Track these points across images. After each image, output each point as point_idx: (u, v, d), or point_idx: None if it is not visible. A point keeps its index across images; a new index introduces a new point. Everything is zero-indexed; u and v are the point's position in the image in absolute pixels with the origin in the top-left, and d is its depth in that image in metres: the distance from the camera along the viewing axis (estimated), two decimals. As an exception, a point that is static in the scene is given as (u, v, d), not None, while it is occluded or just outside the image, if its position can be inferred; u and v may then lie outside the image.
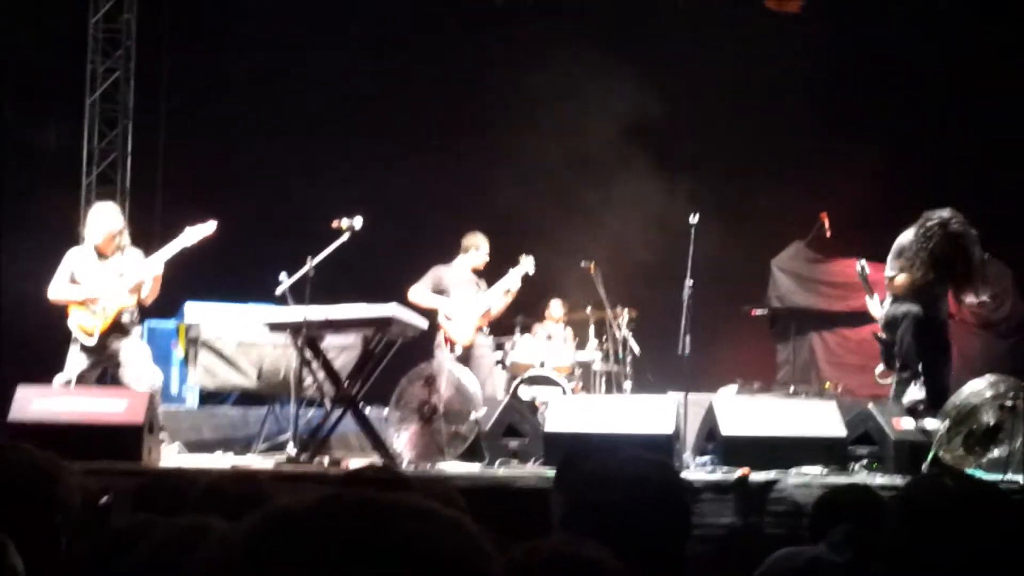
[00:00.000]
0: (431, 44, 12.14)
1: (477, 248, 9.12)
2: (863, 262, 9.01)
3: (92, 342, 7.59)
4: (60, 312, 7.68)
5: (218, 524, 1.90)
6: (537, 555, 1.75)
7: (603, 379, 10.54)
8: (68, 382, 7.53)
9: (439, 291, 8.92)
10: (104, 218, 7.80)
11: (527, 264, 9.17)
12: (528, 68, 11.67)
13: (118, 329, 7.68)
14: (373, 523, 1.01)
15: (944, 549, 2.16)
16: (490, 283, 9.14)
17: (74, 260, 7.75)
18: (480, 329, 9.02)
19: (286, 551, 0.99)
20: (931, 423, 7.20)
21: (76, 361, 7.63)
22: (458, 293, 8.93)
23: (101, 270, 7.71)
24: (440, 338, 8.77)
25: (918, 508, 2.27)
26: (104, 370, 7.86)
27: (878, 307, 8.48)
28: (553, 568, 1.72)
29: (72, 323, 7.60)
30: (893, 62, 11.98)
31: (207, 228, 7.95)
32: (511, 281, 9.07)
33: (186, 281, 9.30)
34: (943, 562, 2.15)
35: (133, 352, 7.72)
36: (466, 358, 8.67)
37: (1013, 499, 2.33)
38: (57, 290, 7.66)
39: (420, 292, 8.85)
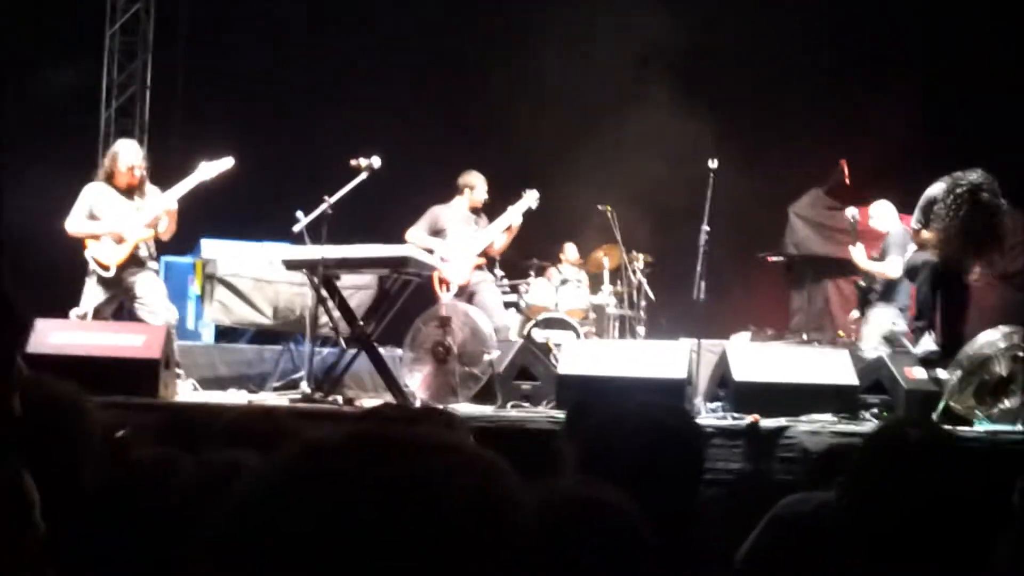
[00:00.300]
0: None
1: (472, 188, 9.00)
2: (854, 210, 9.07)
3: (109, 275, 7.64)
4: (77, 246, 7.72)
5: (250, 458, 1.93)
6: (556, 496, 1.77)
7: (617, 323, 10.57)
8: (84, 315, 7.60)
9: (436, 231, 8.82)
10: (124, 153, 7.83)
11: (530, 198, 9.02)
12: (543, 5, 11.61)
13: (135, 263, 7.73)
14: (406, 456, 1.04)
15: (902, 496, 2.19)
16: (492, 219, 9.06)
17: (92, 194, 7.79)
18: (480, 267, 8.92)
19: (323, 483, 1.01)
20: (943, 373, 7.21)
21: (92, 294, 7.69)
22: (455, 232, 8.82)
23: (119, 204, 7.75)
24: (435, 280, 8.70)
25: (878, 456, 2.31)
26: (120, 304, 7.92)
27: (862, 256, 8.94)
28: (572, 510, 1.75)
29: (89, 256, 7.65)
30: (918, 11, 11.82)
31: (224, 164, 7.97)
32: (512, 216, 8.95)
33: (203, 218, 9.33)
34: (900, 509, 2.19)
35: (149, 287, 7.77)
36: (468, 297, 8.63)
37: (970, 449, 2.38)
38: (75, 224, 7.70)
39: (416, 234, 8.79)
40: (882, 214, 9.34)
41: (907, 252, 8.54)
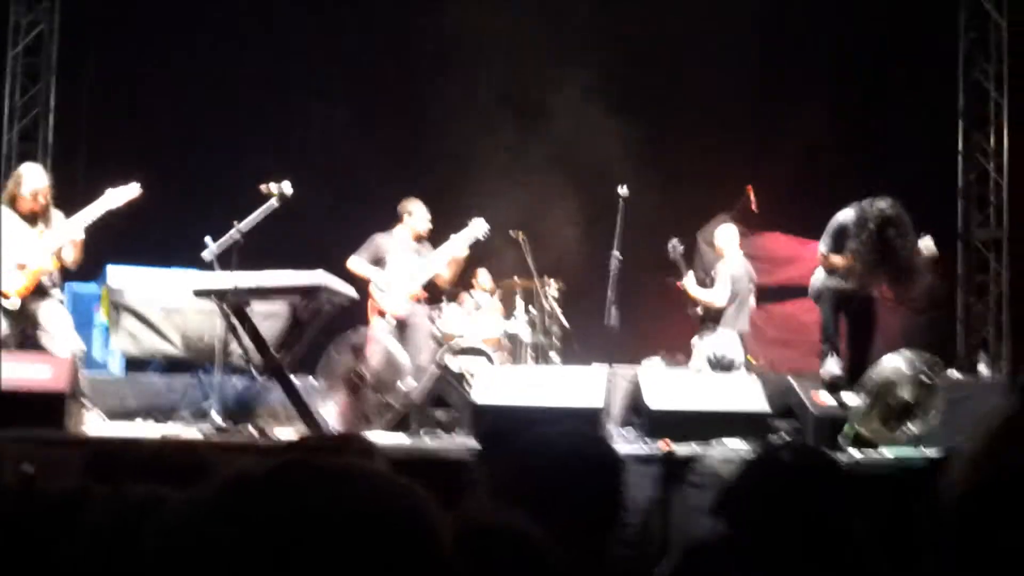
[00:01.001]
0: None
1: (410, 214, 9.00)
2: (674, 241, 9.35)
3: (12, 305, 7.45)
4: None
5: (170, 493, 1.89)
6: (462, 524, 1.77)
7: (530, 350, 10.59)
8: None
9: (377, 260, 8.82)
10: (28, 178, 7.65)
11: (476, 228, 8.90)
12: (456, 27, 11.64)
13: (39, 292, 7.55)
14: (329, 487, 1.04)
15: (782, 520, 2.23)
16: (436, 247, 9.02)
17: None
18: (418, 300, 8.91)
19: (247, 516, 1.01)
20: (850, 397, 7.36)
21: None
22: (396, 262, 8.83)
23: (22, 231, 7.56)
24: (370, 309, 8.71)
25: (756, 482, 2.34)
26: (24, 334, 7.72)
27: (692, 284, 9.43)
28: (478, 537, 1.74)
29: None
30: (824, 41, 12.11)
31: (130, 191, 7.82)
32: (456, 247, 8.87)
33: (109, 244, 9.14)
34: (782, 533, 2.22)
35: (54, 316, 7.60)
36: (401, 327, 8.63)
37: (843, 473, 2.41)
38: None
39: (357, 262, 8.80)
40: (723, 238, 9.76)
41: (729, 281, 9.29)
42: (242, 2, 11.92)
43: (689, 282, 9.48)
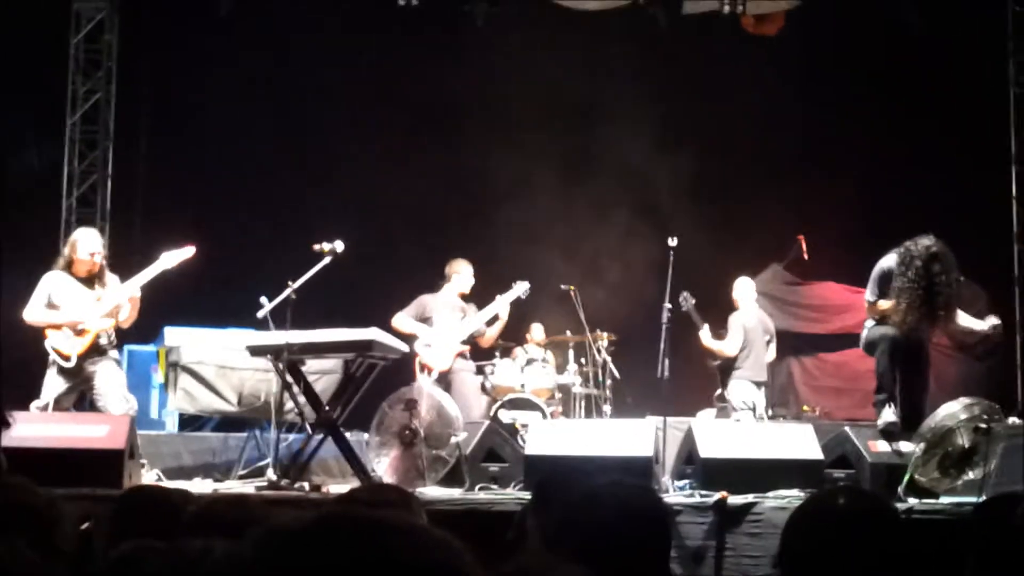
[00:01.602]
0: (410, 64, 12.17)
1: (459, 274, 9.25)
2: (685, 294, 9.43)
3: (70, 365, 7.59)
4: (37, 336, 7.67)
5: (220, 544, 1.93)
6: (519, 574, 1.78)
7: (583, 402, 10.56)
8: (45, 406, 7.53)
9: (423, 319, 9.05)
10: (84, 241, 7.82)
11: (519, 289, 9.28)
12: (503, 90, 11.78)
13: (95, 352, 7.69)
14: (368, 539, 1.07)
15: (834, 566, 2.19)
16: (482, 307, 9.24)
17: (51, 283, 7.76)
18: (462, 355, 9.10)
19: (289, 566, 1.04)
20: (906, 445, 7.26)
21: (53, 385, 7.64)
22: (441, 320, 9.05)
23: (79, 293, 7.72)
24: (416, 365, 8.83)
25: (809, 526, 2.31)
26: (81, 394, 7.85)
27: (707, 336, 9.68)
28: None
29: (49, 346, 7.61)
30: (869, 87, 12.10)
31: (185, 253, 7.97)
32: (498, 307, 9.18)
33: (166, 306, 9.30)
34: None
35: (109, 377, 7.72)
36: (446, 383, 8.71)
37: (899, 517, 2.35)
38: (34, 313, 7.66)
39: (402, 319, 9.01)
40: (739, 290, 10.10)
41: (741, 331, 9.67)
42: (293, 63, 12.13)
43: (703, 334, 9.80)
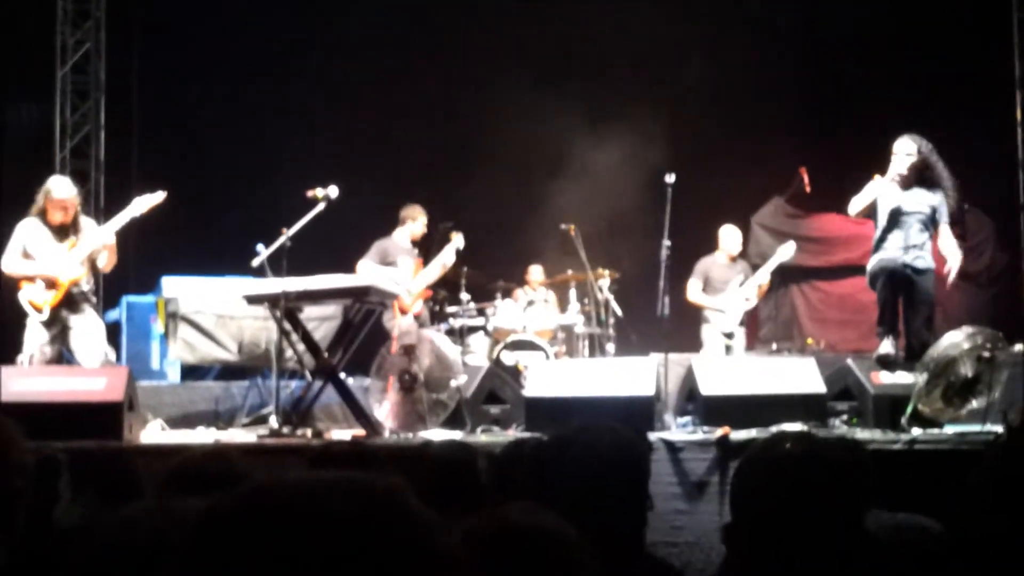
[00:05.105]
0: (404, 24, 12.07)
1: (414, 219, 9.45)
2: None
3: (43, 317, 7.56)
4: (12, 288, 7.65)
5: (194, 504, 1.88)
6: (494, 524, 1.74)
7: (586, 342, 10.53)
8: (30, 359, 7.53)
9: (386, 263, 9.17)
10: (56, 190, 7.75)
11: (458, 241, 9.50)
12: (500, 26, 11.64)
13: (69, 302, 7.66)
14: (312, 505, 1.03)
15: (784, 512, 2.12)
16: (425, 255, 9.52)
17: (26, 232, 7.71)
18: (426, 299, 9.45)
19: (250, 531, 1.02)
20: (906, 376, 7.22)
21: (33, 337, 7.62)
22: (403, 263, 9.26)
23: (52, 243, 7.67)
24: (395, 308, 8.85)
25: (757, 473, 2.23)
26: (63, 344, 7.81)
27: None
28: (510, 538, 1.72)
29: (22, 297, 7.58)
30: (878, 23, 11.93)
31: (156, 198, 7.95)
32: (447, 256, 9.43)
33: (164, 256, 9.26)
34: (784, 526, 2.11)
35: (86, 326, 7.71)
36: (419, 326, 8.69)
37: (842, 457, 2.24)
38: (10, 263, 7.63)
39: (367, 265, 9.06)
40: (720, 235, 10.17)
41: (698, 275, 9.80)
42: (285, 12, 12.00)
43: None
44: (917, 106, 11.56)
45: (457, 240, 9.56)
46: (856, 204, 7.94)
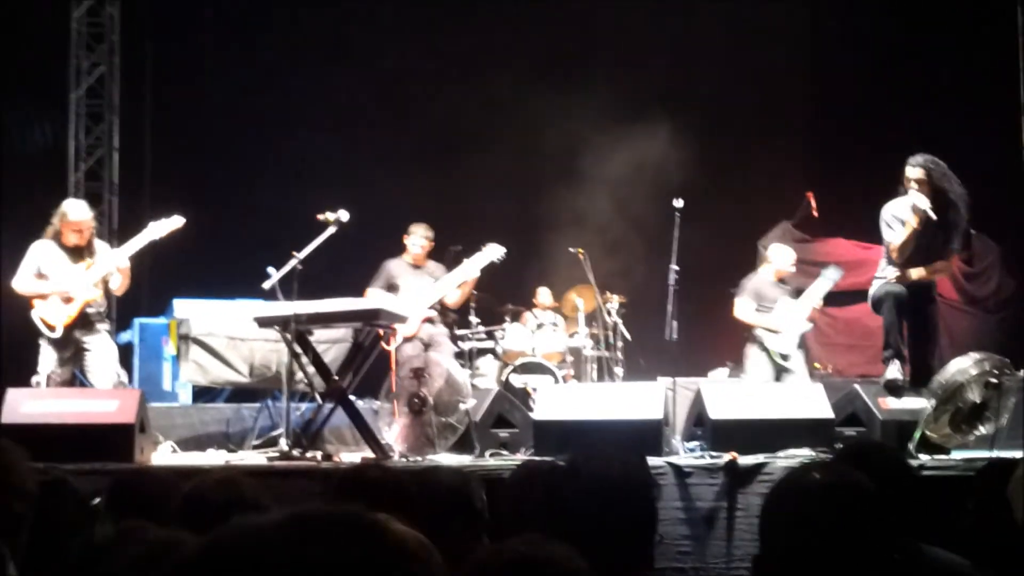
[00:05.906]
0: (413, 38, 12.13)
1: (408, 236, 9.00)
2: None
3: (55, 335, 7.60)
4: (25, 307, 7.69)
5: (189, 538, 1.92)
6: (500, 557, 1.77)
7: (595, 365, 10.57)
8: (47, 378, 7.57)
9: (390, 285, 8.85)
10: (72, 213, 7.81)
11: (491, 252, 8.77)
12: (508, 59, 11.71)
13: (84, 324, 7.70)
14: (312, 547, 1.06)
15: (813, 542, 2.12)
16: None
17: (40, 253, 7.76)
18: (432, 321, 8.77)
19: (235, 569, 1.04)
20: (912, 401, 7.23)
21: (47, 358, 7.66)
22: (407, 285, 8.82)
23: (66, 264, 7.72)
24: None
25: (786, 503, 2.22)
26: (74, 365, 7.86)
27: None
28: (520, 570, 1.74)
29: (35, 316, 7.62)
30: (883, 48, 11.97)
31: (173, 223, 7.99)
32: (468, 269, 8.76)
33: (176, 279, 9.31)
34: (813, 556, 2.11)
35: (99, 348, 7.75)
36: (424, 350, 8.57)
37: (870, 490, 2.23)
38: (23, 283, 7.68)
39: (374, 291, 8.82)
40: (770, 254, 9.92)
41: (748, 293, 9.43)
42: (299, 37, 12.09)
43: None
44: (924, 132, 11.60)
45: (490, 251, 8.74)
46: (903, 252, 7.70)
